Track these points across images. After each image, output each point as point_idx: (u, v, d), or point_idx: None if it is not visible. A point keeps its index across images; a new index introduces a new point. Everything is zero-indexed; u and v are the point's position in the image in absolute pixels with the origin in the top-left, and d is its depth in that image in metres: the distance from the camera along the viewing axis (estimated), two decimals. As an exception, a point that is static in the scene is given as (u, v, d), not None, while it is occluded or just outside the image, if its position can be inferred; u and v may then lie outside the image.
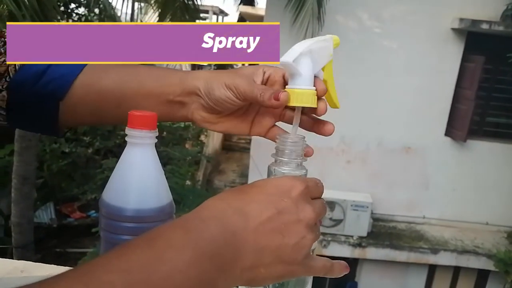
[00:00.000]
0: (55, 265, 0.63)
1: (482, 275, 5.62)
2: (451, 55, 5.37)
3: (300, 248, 0.37)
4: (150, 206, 0.44)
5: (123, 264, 0.29)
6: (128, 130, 0.44)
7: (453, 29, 5.25)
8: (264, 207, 0.37)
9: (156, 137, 0.46)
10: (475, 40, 5.29)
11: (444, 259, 5.35)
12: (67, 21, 7.65)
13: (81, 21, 8.50)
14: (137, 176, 0.45)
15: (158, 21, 7.73)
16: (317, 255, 0.41)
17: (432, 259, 5.37)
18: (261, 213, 0.36)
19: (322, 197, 0.42)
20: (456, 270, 5.61)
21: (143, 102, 0.51)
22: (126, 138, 0.45)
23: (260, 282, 0.36)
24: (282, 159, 0.44)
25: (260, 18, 6.77)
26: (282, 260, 0.36)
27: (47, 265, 0.63)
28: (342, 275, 0.43)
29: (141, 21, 8.56)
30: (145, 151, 0.45)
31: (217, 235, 0.33)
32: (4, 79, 0.50)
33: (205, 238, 0.33)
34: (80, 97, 0.50)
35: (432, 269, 5.61)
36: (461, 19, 5.06)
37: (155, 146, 0.46)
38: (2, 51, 0.50)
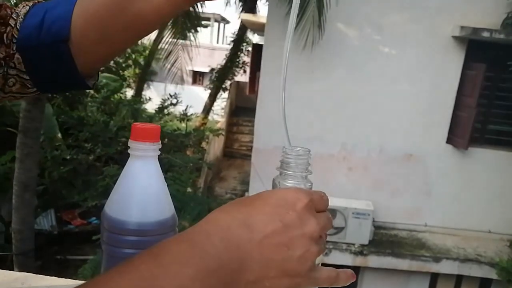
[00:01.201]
0: (56, 277, 0.62)
1: (484, 284, 5.58)
2: (452, 63, 5.38)
3: (304, 260, 0.37)
4: (152, 219, 0.44)
5: (128, 281, 0.28)
6: (131, 143, 0.44)
7: (454, 37, 5.26)
8: (269, 219, 0.36)
9: (163, 148, 0.45)
10: (476, 48, 5.29)
11: (446, 267, 5.32)
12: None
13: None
14: (140, 189, 0.44)
15: (160, 28, 7.77)
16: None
17: (434, 267, 5.33)
18: (266, 226, 0.36)
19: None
20: (459, 279, 5.57)
21: None
22: (129, 151, 0.44)
23: None
24: (287, 172, 0.43)
25: (261, 26, 6.79)
26: (287, 273, 0.36)
27: (48, 276, 0.62)
28: (348, 283, 0.42)
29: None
30: (148, 163, 0.45)
31: (222, 250, 0.33)
32: (10, 42, 0.51)
33: (210, 253, 0.33)
34: (83, 28, 0.50)
35: (434, 277, 5.57)
36: (462, 27, 5.08)
37: (156, 153, 0.46)
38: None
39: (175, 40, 7.72)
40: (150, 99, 9.36)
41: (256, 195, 0.39)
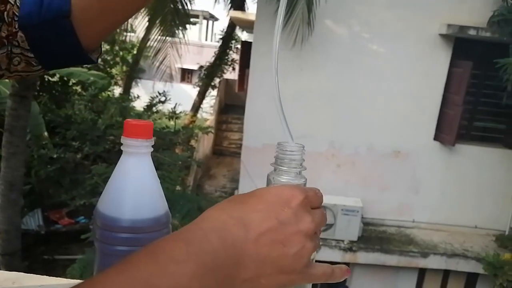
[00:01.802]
0: (47, 276, 0.61)
1: (471, 278, 5.67)
2: (439, 61, 5.44)
3: (300, 257, 0.37)
4: (146, 216, 0.43)
5: (125, 281, 0.28)
6: (123, 139, 0.43)
7: (441, 35, 5.31)
8: (264, 217, 0.36)
9: (152, 146, 0.45)
10: (462, 45, 5.36)
11: (434, 262, 5.39)
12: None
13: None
14: (133, 186, 0.44)
15: (148, 26, 7.71)
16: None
17: (422, 262, 5.40)
18: (261, 223, 0.36)
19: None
20: (446, 274, 5.65)
21: None
22: (122, 147, 0.44)
23: None
24: (281, 168, 0.43)
25: (250, 23, 6.78)
26: (282, 270, 0.36)
27: (39, 276, 0.62)
28: (343, 279, 0.42)
29: (131, 25, 8.53)
30: (141, 160, 0.44)
31: (218, 248, 0.33)
32: (12, 20, 0.50)
33: (207, 251, 0.32)
34: (83, 2, 0.50)
35: (422, 272, 5.64)
36: (449, 25, 5.13)
37: (148, 153, 0.45)
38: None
39: (164, 37, 7.66)
40: (138, 97, 9.28)
41: (251, 193, 0.39)
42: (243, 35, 12.50)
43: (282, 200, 0.38)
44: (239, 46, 11.13)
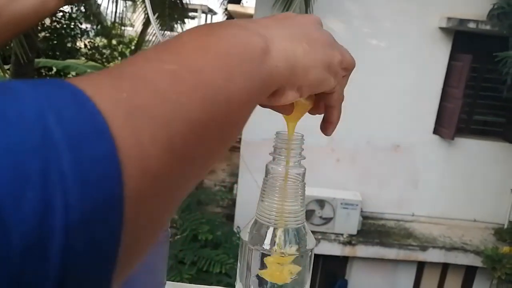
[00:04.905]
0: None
1: (470, 272, 5.69)
2: (439, 54, 5.42)
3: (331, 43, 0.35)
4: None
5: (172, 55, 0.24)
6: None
7: (440, 28, 5.29)
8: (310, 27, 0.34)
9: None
10: (462, 39, 5.34)
11: (432, 256, 5.41)
12: (51, 18, 7.54)
13: (65, 18, 8.39)
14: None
15: (146, 20, 7.67)
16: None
17: (421, 256, 5.41)
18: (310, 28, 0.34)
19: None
20: (445, 267, 5.67)
21: None
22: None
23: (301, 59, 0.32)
24: (280, 157, 0.43)
25: (249, 17, 6.75)
26: (317, 41, 0.33)
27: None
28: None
29: (129, 20, 8.49)
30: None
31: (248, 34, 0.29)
32: None
33: (244, 27, 0.29)
34: None
35: (421, 266, 5.66)
36: (449, 18, 5.11)
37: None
38: None
39: (162, 31, 7.63)
40: (137, 91, 9.22)
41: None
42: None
43: (316, 24, 0.36)
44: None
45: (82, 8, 6.37)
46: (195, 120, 0.21)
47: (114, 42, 10.85)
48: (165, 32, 7.79)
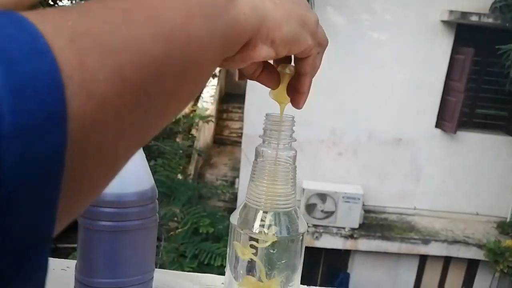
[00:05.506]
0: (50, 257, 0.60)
1: (472, 265, 5.68)
2: (441, 47, 5.39)
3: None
4: (130, 190, 0.42)
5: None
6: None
7: (442, 21, 5.25)
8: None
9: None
10: (464, 32, 5.30)
11: (434, 249, 5.40)
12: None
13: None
14: (117, 159, 0.42)
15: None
16: (308, 247, 0.39)
17: (423, 249, 5.41)
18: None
19: None
20: (447, 260, 5.67)
21: None
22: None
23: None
24: (270, 139, 0.42)
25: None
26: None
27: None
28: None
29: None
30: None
31: None
32: None
33: None
34: None
35: (423, 259, 5.66)
36: (451, 11, 5.07)
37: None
38: None
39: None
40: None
41: None
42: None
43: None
44: (239, 34, 11.03)
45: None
46: (149, 53, 0.20)
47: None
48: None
